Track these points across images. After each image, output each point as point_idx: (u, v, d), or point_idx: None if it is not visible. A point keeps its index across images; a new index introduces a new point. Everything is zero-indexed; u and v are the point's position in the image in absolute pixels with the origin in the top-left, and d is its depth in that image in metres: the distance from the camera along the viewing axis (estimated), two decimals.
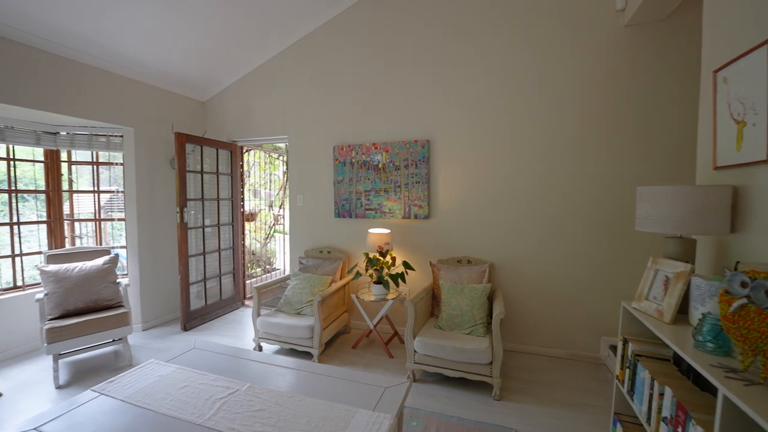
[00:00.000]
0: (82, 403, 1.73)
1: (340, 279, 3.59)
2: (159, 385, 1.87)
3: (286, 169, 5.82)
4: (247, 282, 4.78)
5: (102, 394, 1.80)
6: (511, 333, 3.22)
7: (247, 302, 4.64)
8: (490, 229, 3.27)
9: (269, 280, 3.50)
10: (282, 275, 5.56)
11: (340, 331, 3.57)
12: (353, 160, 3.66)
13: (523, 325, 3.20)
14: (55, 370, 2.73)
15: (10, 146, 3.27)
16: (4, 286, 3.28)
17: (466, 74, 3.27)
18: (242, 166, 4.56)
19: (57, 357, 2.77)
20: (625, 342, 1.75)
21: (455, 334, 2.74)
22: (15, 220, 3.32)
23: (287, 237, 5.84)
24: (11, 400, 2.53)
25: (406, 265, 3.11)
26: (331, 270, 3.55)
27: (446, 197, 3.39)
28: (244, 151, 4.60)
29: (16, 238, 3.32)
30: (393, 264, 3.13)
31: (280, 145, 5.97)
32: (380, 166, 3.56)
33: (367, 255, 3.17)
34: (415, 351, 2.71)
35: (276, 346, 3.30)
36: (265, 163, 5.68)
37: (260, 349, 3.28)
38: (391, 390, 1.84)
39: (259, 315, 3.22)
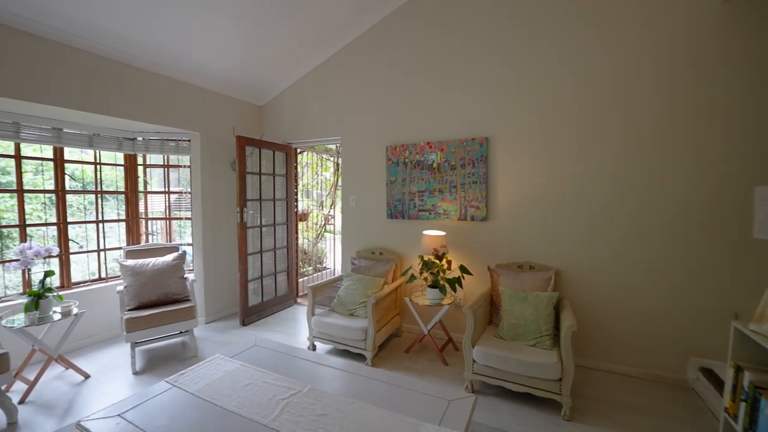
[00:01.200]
0: (157, 394, 1.81)
1: (393, 281, 3.53)
2: (225, 381, 1.92)
3: (337, 169, 5.89)
4: (300, 280, 4.89)
5: (174, 386, 1.89)
6: (580, 347, 2.95)
7: (299, 300, 4.75)
8: (555, 233, 3.02)
9: (322, 280, 3.54)
10: (332, 274, 5.66)
11: (392, 334, 3.51)
12: (407, 160, 3.58)
13: (594, 339, 2.92)
14: (133, 357, 2.95)
15: (97, 151, 3.61)
16: (92, 278, 3.63)
17: (529, 65, 3.05)
18: (296, 168, 4.68)
19: (134, 345, 3.00)
20: (739, 370, 1.49)
21: (518, 345, 2.56)
22: (100, 218, 3.67)
23: (337, 237, 5.91)
24: (96, 382, 2.77)
25: (462, 269, 2.97)
26: (383, 272, 3.50)
27: (506, 198, 3.19)
28: (298, 152, 4.71)
29: (101, 235, 3.66)
30: (449, 268, 3.00)
31: (331, 146, 6.06)
32: (435, 165, 3.44)
33: (421, 258, 3.07)
34: (474, 361, 2.56)
35: (329, 346, 3.31)
36: (317, 165, 5.80)
37: (314, 348, 3.32)
38: (457, 404, 1.73)
39: (313, 314, 3.25)
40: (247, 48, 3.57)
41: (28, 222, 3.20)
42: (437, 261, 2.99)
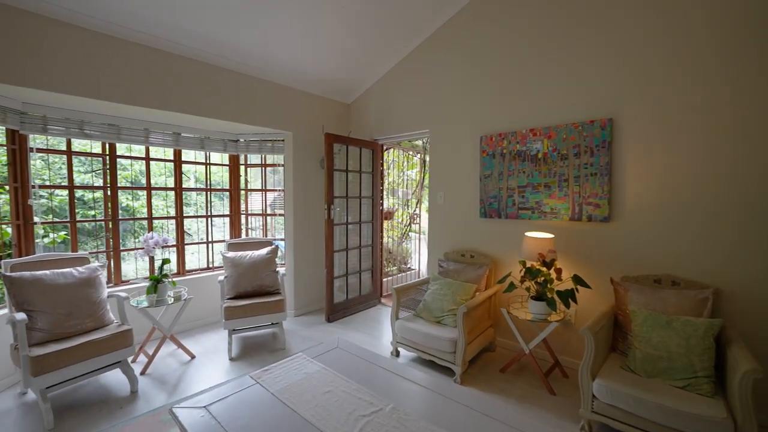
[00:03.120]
0: (241, 389, 1.78)
1: (486, 288, 3.12)
2: (305, 384, 1.81)
3: (423, 166, 5.64)
4: (384, 280, 4.77)
5: (258, 382, 1.84)
6: (765, 400, 2.15)
7: (383, 300, 4.62)
8: (711, 239, 2.27)
9: (407, 282, 3.31)
10: (417, 276, 5.42)
11: (485, 348, 3.10)
12: (504, 151, 3.13)
13: None
14: (230, 343, 3.13)
15: (207, 153, 3.99)
16: (201, 266, 4.02)
17: (671, 24, 2.36)
18: (382, 165, 4.56)
19: (231, 332, 3.18)
20: None
21: (659, 384, 1.95)
22: (209, 213, 4.05)
23: (423, 237, 5.65)
24: (199, 363, 2.99)
25: (577, 280, 2.43)
26: (475, 277, 3.12)
27: (637, 193, 2.54)
28: (384, 149, 4.59)
29: (209, 228, 4.03)
30: (558, 278, 2.49)
31: (418, 142, 5.84)
32: (540, 156, 2.93)
33: (523, 264, 2.62)
34: (594, 396, 2.04)
35: (413, 354, 3.06)
36: (402, 162, 5.63)
37: (397, 354, 3.11)
38: None
39: (397, 318, 3.04)
40: (335, 47, 3.56)
41: (154, 215, 3.66)
42: (544, 269, 2.51)
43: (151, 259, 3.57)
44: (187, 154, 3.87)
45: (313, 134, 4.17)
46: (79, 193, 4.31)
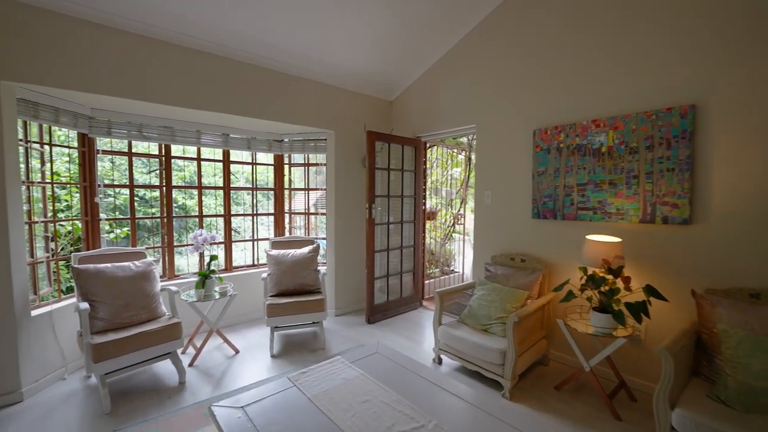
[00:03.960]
0: (279, 391, 1.74)
1: (539, 296, 2.86)
2: (343, 391, 1.72)
3: (468, 164, 5.39)
4: (426, 282, 4.60)
5: (295, 384, 1.79)
6: None
7: (425, 303, 4.46)
8: None
9: (451, 286, 3.13)
10: (461, 279, 5.19)
11: (537, 361, 2.84)
12: (561, 145, 2.85)
13: None
14: (272, 340, 3.15)
15: (254, 153, 4.09)
16: (247, 263, 4.14)
17: None
18: (425, 163, 4.41)
19: (273, 329, 3.21)
20: None
21: (763, 423, 1.61)
22: (254, 212, 4.15)
23: (467, 238, 5.40)
24: (243, 358, 3.05)
25: (650, 291, 2.11)
26: (526, 283, 2.86)
27: (727, 191, 2.16)
28: (427, 147, 4.43)
29: (254, 226, 4.14)
30: (627, 287, 2.18)
31: (462, 139, 5.60)
32: (604, 149, 2.62)
33: (584, 270, 2.34)
34: (672, 428, 1.74)
35: (457, 363, 2.88)
36: (446, 161, 5.42)
37: (440, 361, 2.94)
38: None
39: (440, 323, 2.88)
40: (378, 44, 3.47)
41: (206, 213, 3.81)
42: (609, 277, 2.21)
43: (201, 255, 3.73)
44: (235, 155, 3.99)
45: (355, 133, 4.13)
46: (141, 192, 4.65)
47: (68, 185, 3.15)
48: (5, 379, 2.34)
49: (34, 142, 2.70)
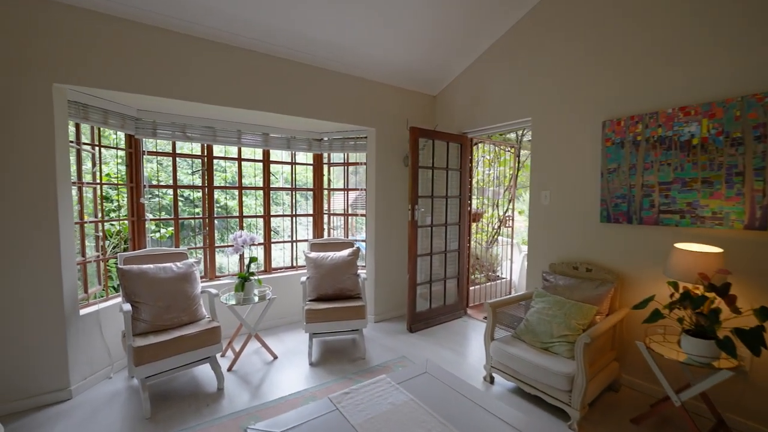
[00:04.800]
0: (320, 415, 1.56)
1: (609, 311, 2.49)
2: (391, 419, 1.51)
3: (518, 162, 5.00)
4: (470, 288, 4.29)
5: (337, 408, 1.60)
6: None
7: (469, 311, 4.16)
8: None
9: (504, 297, 2.83)
10: (507, 286, 4.81)
11: (607, 386, 2.47)
12: (638, 138, 2.45)
13: None
14: (310, 347, 3.02)
15: (293, 152, 4.01)
16: (286, 265, 4.06)
17: None
18: (471, 161, 4.10)
19: (312, 336, 3.07)
20: None
21: None
22: (294, 213, 4.07)
23: (515, 242, 5.01)
24: (281, 364, 2.94)
25: (765, 314, 1.70)
26: (593, 296, 2.50)
27: None
28: (473, 143, 4.12)
29: (294, 227, 4.05)
30: (734, 308, 1.78)
31: (511, 135, 5.21)
32: (695, 142, 2.21)
33: (674, 286, 1.96)
34: None
35: (511, 384, 2.58)
36: (490, 160, 5.06)
37: (491, 380, 2.66)
38: None
39: (492, 338, 2.59)
40: (421, 35, 3.24)
41: (248, 214, 3.77)
42: (711, 295, 1.82)
43: (241, 257, 3.69)
44: (275, 155, 3.93)
45: (396, 130, 3.92)
46: (186, 192, 4.74)
47: (117, 186, 3.20)
48: (56, 376, 2.38)
49: (85, 144, 2.74)
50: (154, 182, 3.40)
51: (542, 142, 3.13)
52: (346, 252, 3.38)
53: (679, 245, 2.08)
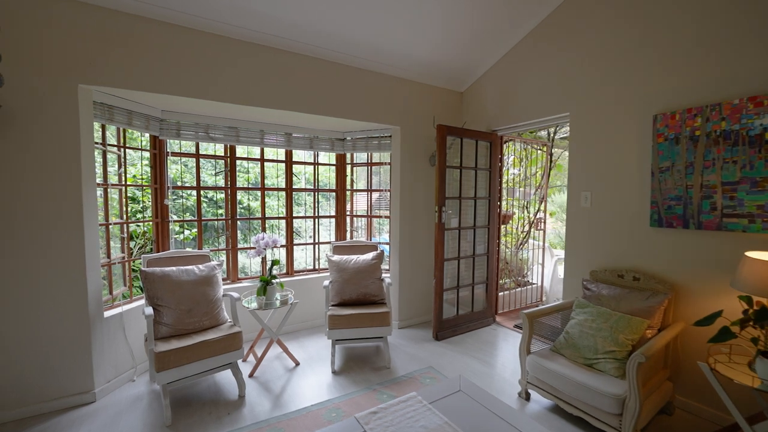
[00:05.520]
0: None
1: (661, 325, 2.25)
2: None
3: (549, 161, 4.74)
4: (499, 294, 4.08)
5: (365, 429, 1.47)
6: None
7: (498, 318, 3.94)
8: None
9: (542, 306, 2.61)
10: (538, 292, 4.55)
11: (660, 409, 2.22)
12: (697, 133, 2.20)
13: None
14: (333, 354, 2.91)
15: (316, 152, 3.92)
16: (308, 268, 3.98)
17: None
18: (501, 160, 3.89)
19: (335, 342, 2.96)
20: None
21: None
22: (316, 214, 3.98)
23: (543, 245, 4.74)
24: (303, 371, 2.84)
25: None
26: (643, 309, 2.26)
27: None
28: (503, 142, 3.90)
29: (316, 229, 3.96)
30: None
31: (542, 133, 4.95)
32: None
33: (748, 301, 1.71)
34: None
35: (549, 401, 2.38)
36: (520, 159, 4.81)
37: (527, 397, 2.46)
38: None
39: (529, 351, 2.40)
40: (448, 26, 3.07)
41: (271, 215, 3.71)
42: None
43: (263, 258, 3.63)
44: (297, 156, 3.85)
45: (422, 128, 3.76)
46: (210, 193, 4.75)
47: (142, 187, 3.20)
48: (80, 378, 2.36)
49: (111, 145, 2.74)
50: (179, 183, 3.39)
51: (582, 139, 2.89)
52: (369, 255, 3.25)
53: (751, 254, 1.82)
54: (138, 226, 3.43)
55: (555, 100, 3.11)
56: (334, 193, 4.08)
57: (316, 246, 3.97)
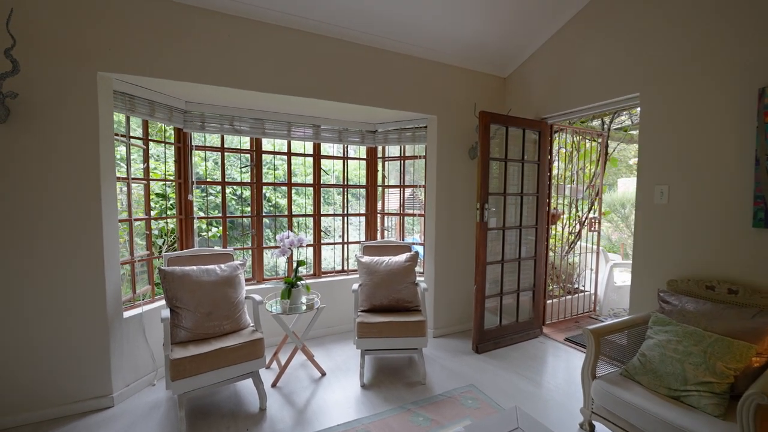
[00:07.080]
0: None
1: None
2: None
3: (605, 153, 4.22)
4: (547, 302, 3.64)
5: None
6: None
7: (546, 330, 3.51)
8: None
9: (609, 322, 2.19)
10: (589, 300, 4.05)
11: None
12: None
13: None
14: (362, 366, 2.64)
15: (345, 146, 3.68)
16: (336, 269, 3.74)
17: None
18: (550, 152, 3.46)
19: (364, 352, 2.69)
20: None
21: None
22: (345, 212, 3.73)
23: (598, 248, 4.23)
24: (329, 383, 2.60)
25: None
26: (747, 330, 1.80)
27: None
28: (554, 131, 3.47)
29: (345, 228, 3.72)
30: None
31: (594, 122, 4.44)
32: None
33: None
34: None
35: None
36: (567, 152, 4.32)
37: (591, 429, 2.06)
38: None
39: (594, 376, 2.00)
40: (489, 5, 2.72)
41: (299, 212, 3.51)
42: None
43: (289, 258, 3.43)
44: (326, 150, 3.63)
45: (460, 117, 3.41)
46: (238, 190, 4.65)
47: (166, 182, 3.09)
48: (98, 382, 2.25)
49: (134, 138, 2.63)
50: (208, 179, 3.27)
51: (656, 123, 2.44)
52: (402, 257, 2.96)
53: None
54: (166, 223, 3.34)
55: (619, 79, 2.66)
56: (364, 190, 3.82)
57: (345, 246, 3.72)
